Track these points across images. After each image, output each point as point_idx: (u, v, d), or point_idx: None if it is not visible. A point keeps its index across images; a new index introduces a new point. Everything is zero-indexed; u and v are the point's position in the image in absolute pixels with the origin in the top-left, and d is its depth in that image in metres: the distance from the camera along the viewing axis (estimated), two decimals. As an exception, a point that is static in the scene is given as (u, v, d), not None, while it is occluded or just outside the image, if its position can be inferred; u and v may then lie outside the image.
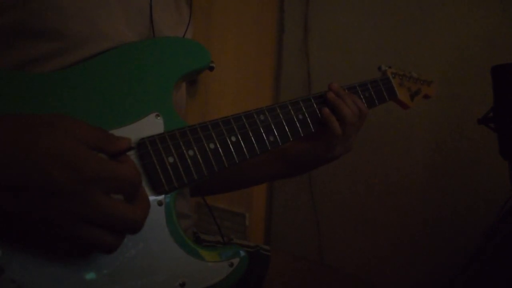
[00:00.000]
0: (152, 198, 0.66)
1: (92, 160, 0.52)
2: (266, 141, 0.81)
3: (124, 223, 0.55)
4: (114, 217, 0.53)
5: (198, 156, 0.71)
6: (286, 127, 0.85)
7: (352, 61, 1.97)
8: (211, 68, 0.79)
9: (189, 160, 0.70)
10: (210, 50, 0.78)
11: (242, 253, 0.72)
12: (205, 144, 0.73)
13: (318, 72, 2.07)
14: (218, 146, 0.74)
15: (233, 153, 0.75)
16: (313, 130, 0.90)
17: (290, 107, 0.87)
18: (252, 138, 0.79)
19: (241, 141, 0.77)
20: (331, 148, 0.94)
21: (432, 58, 1.77)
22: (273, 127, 0.83)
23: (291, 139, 0.86)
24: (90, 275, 0.60)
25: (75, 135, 0.53)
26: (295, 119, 0.87)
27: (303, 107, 0.89)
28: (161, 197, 0.67)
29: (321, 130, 0.92)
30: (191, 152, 0.71)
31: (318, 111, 0.91)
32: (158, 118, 0.70)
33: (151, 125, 0.69)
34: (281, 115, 0.85)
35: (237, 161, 0.76)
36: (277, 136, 0.83)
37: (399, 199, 1.90)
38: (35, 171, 0.50)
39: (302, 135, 0.88)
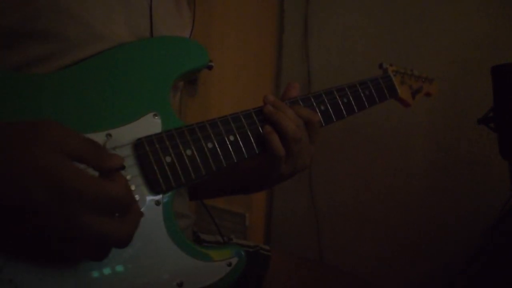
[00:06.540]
0: (149, 197, 0.66)
1: (77, 178, 0.49)
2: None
3: (108, 241, 0.53)
4: (96, 236, 0.52)
5: (196, 156, 0.71)
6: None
7: (352, 61, 1.97)
8: (210, 67, 0.78)
9: (186, 160, 0.70)
10: (210, 50, 0.78)
11: (241, 252, 0.72)
12: (203, 144, 0.72)
13: (318, 72, 2.07)
14: (216, 145, 0.74)
15: (231, 152, 0.75)
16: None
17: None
18: (251, 138, 0.78)
19: (240, 141, 0.77)
20: (275, 168, 0.81)
21: (432, 58, 1.77)
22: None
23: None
24: (87, 275, 0.60)
25: (62, 148, 0.51)
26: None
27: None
28: (158, 197, 0.67)
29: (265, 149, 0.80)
30: (189, 152, 0.71)
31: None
32: (156, 117, 0.70)
33: (149, 125, 0.69)
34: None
35: (236, 160, 0.76)
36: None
37: (399, 199, 1.90)
38: (15, 189, 0.48)
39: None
